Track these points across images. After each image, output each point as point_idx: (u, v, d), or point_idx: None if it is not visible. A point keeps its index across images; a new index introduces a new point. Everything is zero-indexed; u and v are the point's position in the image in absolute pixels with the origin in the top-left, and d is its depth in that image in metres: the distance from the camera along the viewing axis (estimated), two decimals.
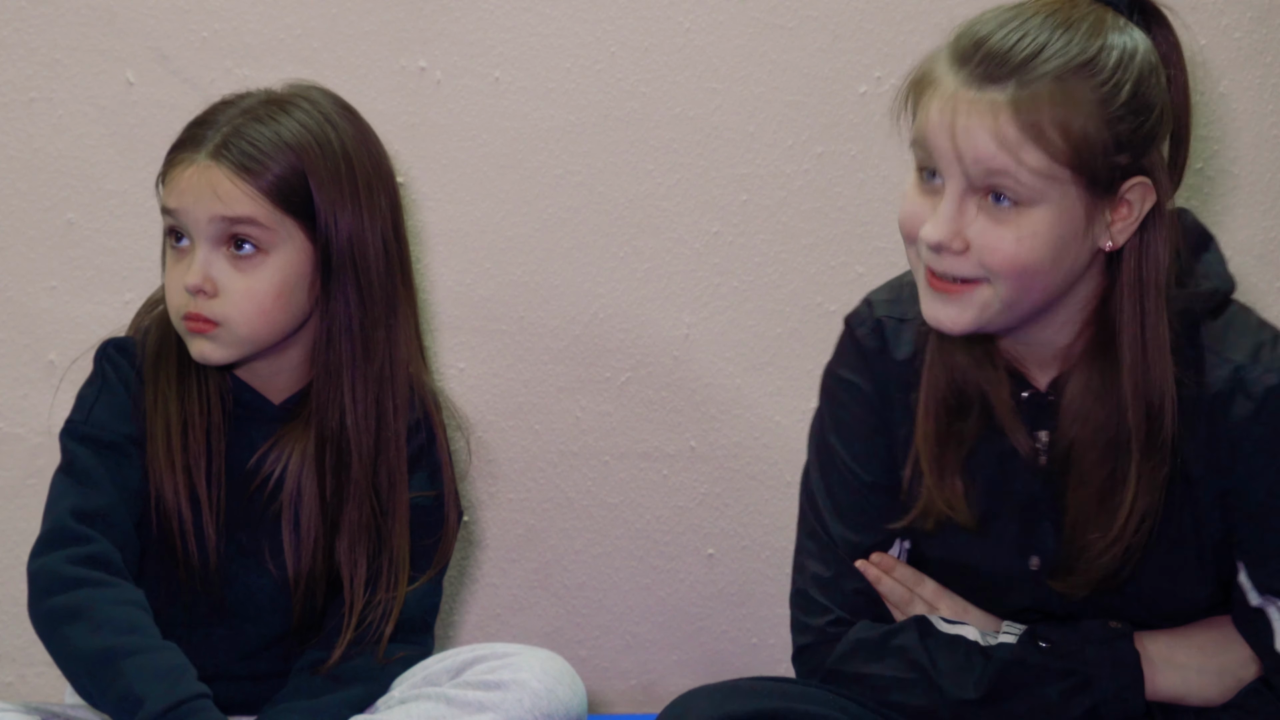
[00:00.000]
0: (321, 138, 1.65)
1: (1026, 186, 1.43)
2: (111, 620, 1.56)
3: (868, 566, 1.62)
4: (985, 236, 1.45)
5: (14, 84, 2.01)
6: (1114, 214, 1.47)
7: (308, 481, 1.68)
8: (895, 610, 1.63)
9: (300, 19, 2.04)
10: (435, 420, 1.74)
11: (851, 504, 1.64)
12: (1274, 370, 1.52)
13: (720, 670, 2.20)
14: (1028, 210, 1.44)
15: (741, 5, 2.09)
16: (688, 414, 2.17)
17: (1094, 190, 1.45)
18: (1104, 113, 1.43)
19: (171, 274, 1.65)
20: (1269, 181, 2.20)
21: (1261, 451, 1.51)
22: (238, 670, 1.71)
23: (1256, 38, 2.16)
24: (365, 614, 1.68)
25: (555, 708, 1.58)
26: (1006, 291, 1.47)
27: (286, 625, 1.71)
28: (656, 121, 2.10)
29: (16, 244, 2.04)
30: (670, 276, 2.14)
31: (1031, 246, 1.45)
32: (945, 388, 1.57)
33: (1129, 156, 1.45)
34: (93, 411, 1.69)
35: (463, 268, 2.11)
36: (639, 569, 2.20)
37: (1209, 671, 1.58)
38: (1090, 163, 1.44)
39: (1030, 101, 1.42)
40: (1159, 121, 1.47)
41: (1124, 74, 1.44)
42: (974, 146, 1.43)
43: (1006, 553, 1.60)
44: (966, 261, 1.47)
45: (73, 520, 1.61)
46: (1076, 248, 1.47)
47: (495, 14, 2.07)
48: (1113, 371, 1.51)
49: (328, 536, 1.69)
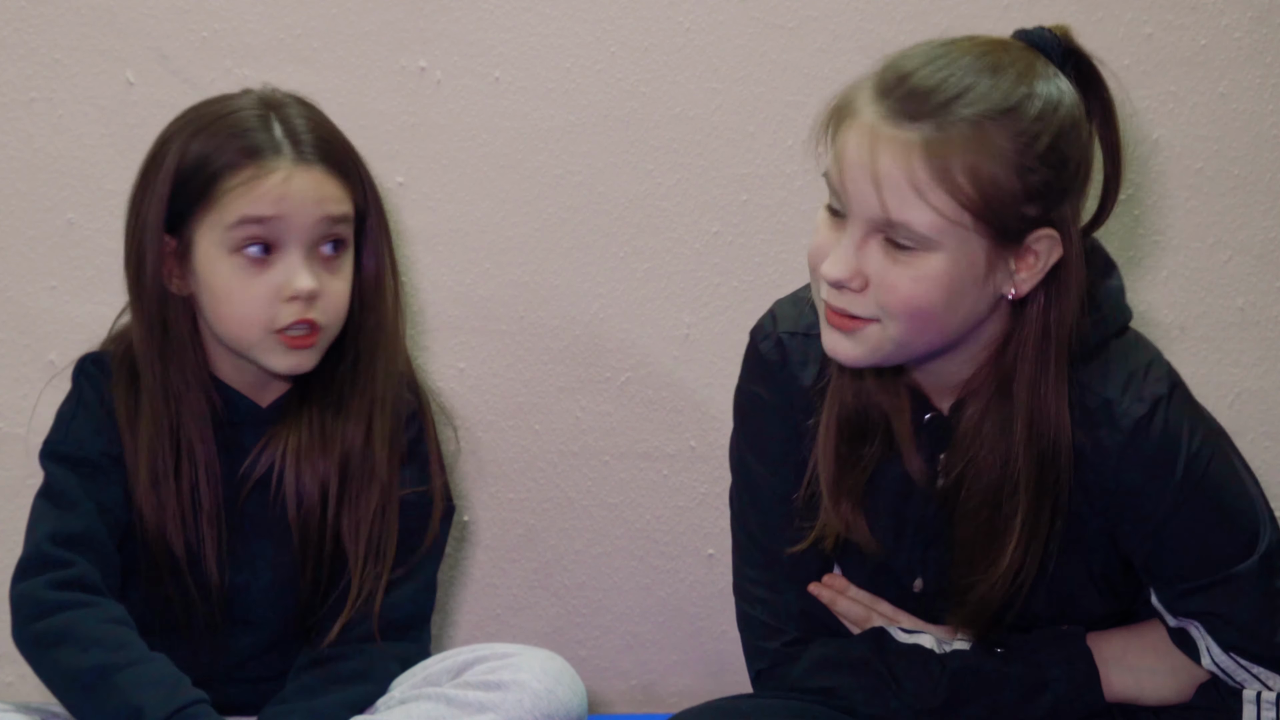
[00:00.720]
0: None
1: (928, 229, 1.41)
2: (99, 639, 1.57)
3: (821, 589, 1.63)
4: (883, 276, 1.43)
5: (14, 84, 2.01)
6: (1019, 263, 1.45)
7: (308, 480, 1.68)
8: (854, 627, 1.63)
9: (300, 19, 2.04)
10: (425, 413, 1.75)
11: (780, 517, 1.63)
12: (1142, 400, 1.49)
13: (720, 670, 2.20)
14: (926, 254, 1.42)
15: (741, 5, 2.09)
16: (688, 414, 2.17)
17: (999, 239, 1.43)
18: (1018, 162, 1.41)
19: (253, 288, 1.60)
20: (1269, 181, 2.20)
21: (1138, 484, 1.50)
22: (238, 673, 1.71)
23: (1256, 38, 2.16)
24: (364, 601, 1.68)
25: (555, 708, 1.58)
26: (898, 331, 1.45)
27: (286, 627, 1.71)
28: (656, 121, 2.10)
29: (16, 244, 2.04)
30: (670, 276, 2.14)
31: (926, 290, 1.43)
32: (850, 409, 1.56)
33: (1039, 208, 1.43)
34: (70, 430, 1.68)
35: (463, 268, 2.11)
36: (639, 569, 2.20)
37: (1161, 672, 1.58)
38: (997, 211, 1.41)
39: (943, 145, 1.39)
40: (1075, 176, 1.45)
41: (1044, 125, 1.42)
42: (882, 183, 1.41)
43: (898, 570, 1.61)
44: (862, 300, 1.45)
45: (51, 545, 1.61)
46: (975, 294, 1.45)
47: (495, 14, 2.07)
48: (1009, 410, 1.50)
49: (332, 531, 1.69)
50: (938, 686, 1.55)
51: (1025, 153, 1.41)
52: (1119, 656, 1.58)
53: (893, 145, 1.40)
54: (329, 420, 1.69)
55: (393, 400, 1.71)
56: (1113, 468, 1.49)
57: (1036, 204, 1.43)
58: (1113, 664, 1.57)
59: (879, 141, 1.41)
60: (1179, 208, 2.21)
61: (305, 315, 1.60)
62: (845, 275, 1.44)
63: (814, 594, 1.62)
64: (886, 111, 1.41)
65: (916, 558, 1.59)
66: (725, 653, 2.22)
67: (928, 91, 1.41)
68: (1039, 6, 2.14)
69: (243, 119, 1.62)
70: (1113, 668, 1.57)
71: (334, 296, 1.63)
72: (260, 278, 1.60)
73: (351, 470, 1.68)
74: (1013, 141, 1.40)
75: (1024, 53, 1.46)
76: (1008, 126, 1.41)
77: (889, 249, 1.43)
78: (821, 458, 1.56)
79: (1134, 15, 2.16)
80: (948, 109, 1.40)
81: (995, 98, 1.41)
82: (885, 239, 1.43)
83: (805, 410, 1.59)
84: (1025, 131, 1.41)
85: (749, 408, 1.65)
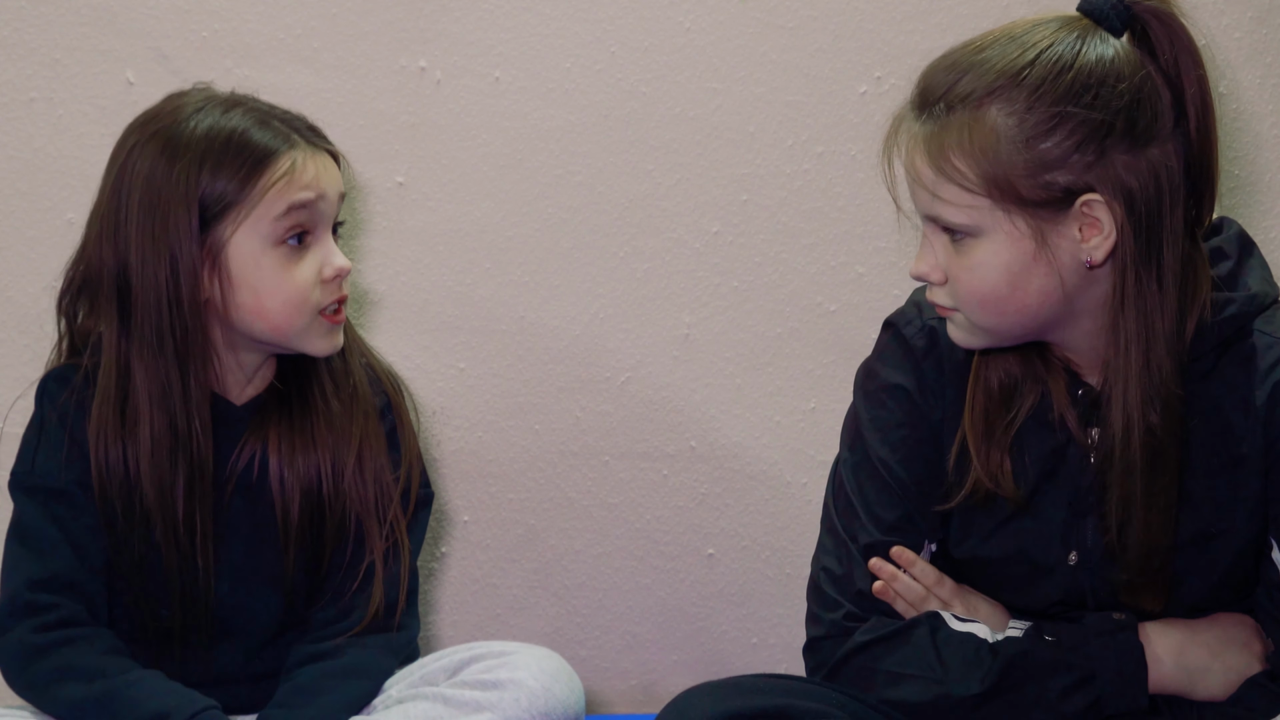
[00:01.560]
0: None
1: (958, 217, 1.45)
2: (101, 668, 1.58)
3: (882, 566, 1.61)
4: (949, 268, 1.49)
5: (14, 84, 2.01)
6: (1085, 231, 1.45)
7: (300, 473, 1.67)
8: (909, 609, 1.62)
9: (300, 19, 2.04)
10: (396, 402, 1.76)
11: (883, 502, 1.62)
12: None
13: (720, 670, 2.19)
14: (975, 241, 1.46)
15: (741, 5, 2.09)
16: (688, 414, 2.17)
17: (1035, 213, 1.44)
18: (1020, 134, 1.42)
19: (297, 275, 1.62)
20: (1269, 181, 2.20)
21: None
22: (236, 673, 1.71)
23: (1256, 38, 2.16)
24: (358, 589, 1.68)
25: (553, 706, 1.58)
26: (978, 318, 1.50)
27: (273, 628, 1.71)
28: (656, 121, 2.10)
29: (16, 244, 2.04)
30: (670, 276, 2.14)
31: (983, 276, 1.47)
32: (997, 381, 1.58)
33: (1071, 174, 1.43)
34: (35, 460, 1.66)
35: (463, 268, 2.11)
36: (639, 569, 2.20)
37: (1215, 671, 1.58)
38: (1014, 186, 1.42)
39: (939, 134, 1.44)
40: (1107, 135, 1.43)
41: (1047, 91, 1.42)
42: (913, 181, 1.48)
43: (1048, 542, 1.60)
44: (945, 292, 1.52)
45: (31, 593, 1.61)
46: (1041, 269, 1.46)
47: (495, 14, 2.07)
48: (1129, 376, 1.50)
49: (333, 521, 1.68)
50: (987, 673, 1.54)
51: (1026, 122, 1.42)
52: (1175, 653, 1.57)
53: (910, 143, 1.47)
54: (311, 414, 1.69)
55: (364, 382, 1.73)
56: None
57: (1062, 171, 1.43)
58: (1167, 659, 1.56)
59: (902, 141, 1.48)
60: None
61: (334, 295, 1.65)
62: (922, 270, 1.52)
63: (874, 570, 1.61)
64: (910, 111, 1.48)
65: (1070, 528, 1.59)
66: (725, 653, 2.22)
67: (933, 85, 1.46)
68: (1040, 6, 2.14)
69: (233, 123, 1.62)
70: (1166, 663, 1.56)
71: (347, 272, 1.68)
72: (302, 264, 1.62)
73: (343, 459, 1.68)
74: (1009, 114, 1.42)
75: (1056, 22, 1.46)
76: (1002, 99, 1.42)
77: (950, 242, 1.49)
78: (969, 419, 1.58)
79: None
80: (948, 96, 1.44)
81: (987, 76, 1.43)
82: (947, 232, 1.48)
83: (956, 382, 1.60)
84: (1022, 101, 1.42)
85: (882, 394, 1.64)
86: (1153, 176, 1.44)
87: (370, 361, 1.77)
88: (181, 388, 1.62)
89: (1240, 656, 1.58)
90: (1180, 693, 1.58)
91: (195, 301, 1.61)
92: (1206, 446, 1.53)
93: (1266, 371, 1.52)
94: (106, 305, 1.63)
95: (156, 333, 1.61)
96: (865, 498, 1.63)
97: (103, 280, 1.62)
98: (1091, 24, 1.46)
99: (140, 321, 1.61)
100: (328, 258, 1.64)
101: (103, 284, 1.62)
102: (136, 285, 1.61)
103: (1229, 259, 1.54)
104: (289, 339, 1.64)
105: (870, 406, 1.65)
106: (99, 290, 1.63)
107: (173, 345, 1.61)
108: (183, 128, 1.62)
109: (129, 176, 1.62)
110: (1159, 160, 1.45)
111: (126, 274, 1.61)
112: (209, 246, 1.61)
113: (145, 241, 1.60)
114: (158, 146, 1.62)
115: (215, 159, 1.60)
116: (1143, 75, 1.44)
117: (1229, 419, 1.52)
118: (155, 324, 1.61)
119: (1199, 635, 1.59)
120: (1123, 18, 1.46)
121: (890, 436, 1.63)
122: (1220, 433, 1.53)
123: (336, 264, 1.64)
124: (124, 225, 1.61)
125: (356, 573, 1.68)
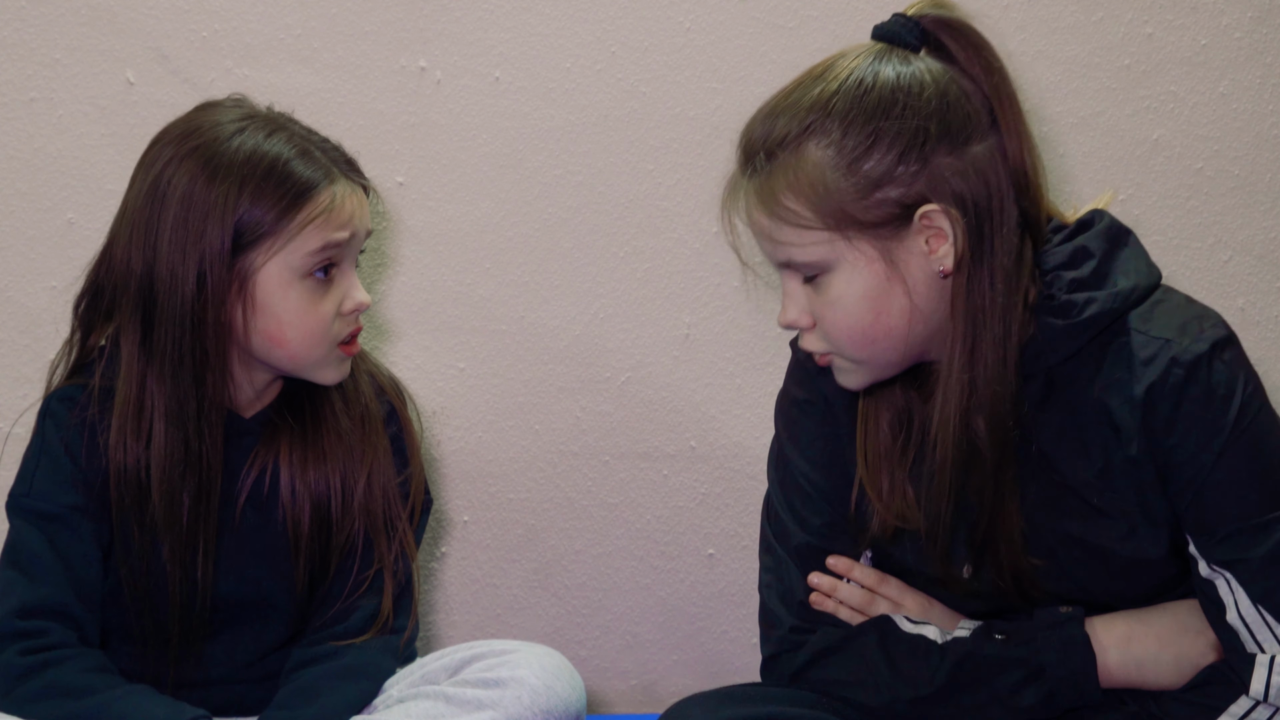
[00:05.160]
0: None
1: (807, 257, 1.47)
2: (89, 685, 1.57)
3: (821, 579, 1.63)
4: (815, 310, 1.50)
5: (14, 84, 2.01)
6: (931, 243, 1.46)
7: (311, 485, 1.68)
8: (855, 615, 1.63)
9: (300, 19, 2.04)
10: (400, 410, 1.76)
11: (810, 509, 1.64)
12: (1203, 340, 1.50)
13: (720, 670, 2.20)
14: (829, 276, 1.47)
15: (741, 5, 2.09)
16: (688, 414, 2.17)
17: (880, 233, 1.45)
18: (840, 160, 1.44)
19: (321, 307, 1.62)
20: (1269, 181, 2.20)
21: (1193, 422, 1.50)
22: (241, 674, 1.71)
23: (1256, 38, 2.17)
24: (354, 594, 1.68)
25: (554, 704, 1.58)
26: (852, 353, 1.51)
27: (289, 629, 1.71)
28: (656, 121, 2.10)
29: (16, 244, 2.04)
30: (670, 276, 2.14)
31: (846, 309, 1.48)
32: (886, 421, 1.58)
33: (899, 189, 1.44)
34: (35, 482, 1.65)
35: (463, 268, 2.11)
36: (639, 569, 2.20)
37: (1164, 660, 1.58)
38: (847, 212, 1.44)
39: (766, 183, 1.46)
40: (924, 144, 1.44)
41: (855, 115, 1.44)
42: (757, 235, 1.50)
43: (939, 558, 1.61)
44: (815, 337, 1.52)
45: (20, 620, 1.60)
46: (897, 290, 1.47)
47: (495, 14, 2.07)
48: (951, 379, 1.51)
49: (343, 531, 1.69)
50: (936, 674, 1.55)
51: (845, 148, 1.44)
52: (1123, 643, 1.57)
53: (745, 200, 1.49)
54: (322, 427, 1.69)
55: (372, 396, 1.73)
56: (1170, 405, 1.50)
57: (891, 185, 1.44)
58: (1113, 650, 1.57)
59: (739, 200, 1.51)
60: (1179, 208, 2.21)
61: (350, 328, 1.65)
62: (790, 318, 1.52)
63: (813, 585, 1.63)
64: (738, 170, 1.51)
65: (958, 540, 1.59)
66: (725, 653, 2.22)
67: (753, 139, 1.49)
68: (1038, 6, 2.15)
69: (276, 149, 1.60)
70: (1113, 654, 1.57)
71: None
72: (326, 297, 1.63)
73: (354, 477, 1.69)
74: (827, 145, 1.44)
75: (855, 52, 1.49)
76: (817, 133, 1.45)
77: (808, 285, 1.50)
78: (861, 461, 1.59)
79: (1134, 15, 2.16)
80: (766, 147, 1.47)
81: (798, 115, 1.46)
82: (800, 277, 1.50)
83: (846, 409, 1.62)
84: (836, 129, 1.44)
85: (793, 410, 1.67)
86: (980, 176, 1.46)
87: (372, 369, 1.76)
88: (196, 407, 1.62)
89: (1194, 644, 1.57)
90: (1130, 683, 1.58)
91: (219, 323, 1.60)
92: (1094, 448, 1.53)
93: (1141, 372, 1.52)
94: (130, 314, 1.61)
95: (177, 350, 1.60)
96: (793, 508, 1.65)
97: (129, 285, 1.61)
98: (887, 46, 1.50)
99: (161, 337, 1.60)
100: (349, 291, 1.64)
101: (129, 289, 1.61)
102: (162, 297, 1.59)
103: (1093, 257, 1.53)
104: (303, 368, 1.65)
105: (787, 425, 1.67)
106: (123, 295, 1.62)
107: (191, 365, 1.60)
108: (224, 147, 1.59)
109: (165, 186, 1.60)
110: (983, 157, 1.46)
111: (153, 283, 1.59)
112: (238, 270, 1.59)
113: (176, 255, 1.58)
114: (198, 163, 1.59)
115: (256, 186, 1.58)
116: (947, 79, 1.47)
117: (1115, 420, 1.53)
118: (176, 341, 1.60)
119: (1149, 625, 1.59)
120: (915, 34, 1.50)
121: (807, 451, 1.64)
122: (1109, 434, 1.53)
123: (358, 299, 1.64)
124: (155, 235, 1.59)
125: (362, 581, 1.68)
